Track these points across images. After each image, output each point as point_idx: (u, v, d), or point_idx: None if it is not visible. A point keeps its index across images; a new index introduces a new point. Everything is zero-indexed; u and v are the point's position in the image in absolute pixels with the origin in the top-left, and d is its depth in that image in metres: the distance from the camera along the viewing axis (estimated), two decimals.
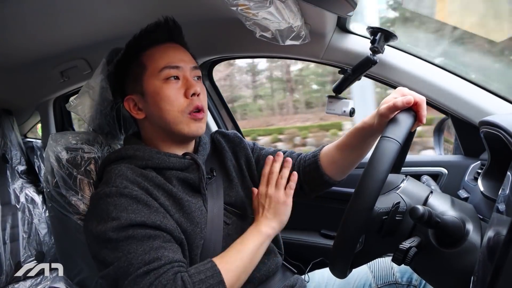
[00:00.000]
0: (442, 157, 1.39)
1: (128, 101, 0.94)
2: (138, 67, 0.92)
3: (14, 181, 1.66)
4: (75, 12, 1.05)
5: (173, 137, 0.92)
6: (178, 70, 0.90)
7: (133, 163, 0.88)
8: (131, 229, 0.76)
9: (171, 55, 0.91)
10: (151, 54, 0.91)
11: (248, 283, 0.88)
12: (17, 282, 1.48)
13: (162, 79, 0.89)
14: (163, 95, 0.88)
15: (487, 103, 1.10)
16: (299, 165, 1.02)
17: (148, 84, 0.90)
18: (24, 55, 1.37)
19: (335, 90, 1.22)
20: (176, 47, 0.94)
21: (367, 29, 1.12)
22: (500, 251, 0.45)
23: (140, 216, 0.77)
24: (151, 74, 0.90)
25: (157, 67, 0.89)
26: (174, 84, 0.89)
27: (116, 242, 0.75)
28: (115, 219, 0.76)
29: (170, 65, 0.89)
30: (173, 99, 0.88)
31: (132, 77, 0.93)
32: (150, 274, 0.72)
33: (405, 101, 0.77)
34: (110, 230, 0.75)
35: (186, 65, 0.92)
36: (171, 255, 0.76)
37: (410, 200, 0.75)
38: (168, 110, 0.88)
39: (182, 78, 0.91)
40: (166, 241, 0.78)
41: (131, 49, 0.95)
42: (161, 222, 0.79)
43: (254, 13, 0.90)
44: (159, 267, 0.73)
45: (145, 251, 0.74)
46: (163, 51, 0.91)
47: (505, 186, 0.59)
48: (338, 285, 1.01)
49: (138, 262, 0.73)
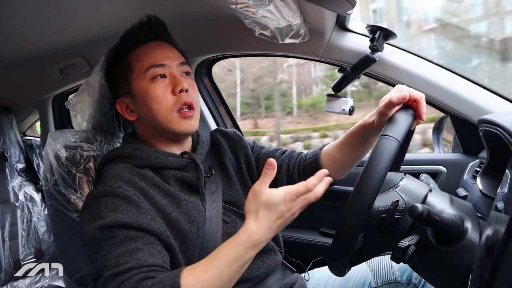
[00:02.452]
0: (441, 156, 1.39)
1: (120, 103, 0.95)
2: (125, 68, 0.92)
3: (13, 179, 1.66)
4: (74, 9, 1.05)
5: (167, 136, 0.92)
6: (164, 68, 0.90)
7: (130, 162, 0.88)
8: (115, 229, 0.75)
9: (156, 53, 0.91)
10: (137, 54, 0.92)
11: (247, 281, 0.88)
12: (16, 280, 1.48)
13: (148, 78, 0.89)
14: (151, 95, 0.88)
15: (486, 101, 1.10)
16: (300, 165, 1.02)
17: (136, 85, 0.90)
18: (23, 53, 1.37)
19: (334, 88, 1.22)
20: (161, 45, 0.94)
21: (366, 27, 1.12)
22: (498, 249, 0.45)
23: (127, 217, 0.76)
24: (138, 74, 0.90)
25: (143, 67, 0.89)
26: (161, 82, 0.89)
27: (100, 241, 0.74)
28: (102, 218, 0.75)
29: (155, 63, 0.89)
30: (161, 98, 0.88)
31: (121, 79, 0.94)
32: (116, 278, 0.69)
33: (401, 97, 0.77)
34: (96, 229, 0.75)
35: (172, 62, 0.91)
36: (144, 258, 0.71)
37: (409, 198, 0.75)
38: (157, 109, 0.88)
39: (169, 76, 0.90)
40: (147, 243, 0.75)
41: (118, 51, 0.95)
42: (148, 224, 0.77)
43: (253, 11, 0.90)
44: (125, 271, 0.69)
45: (120, 253, 0.72)
46: (148, 50, 0.91)
47: (504, 185, 0.59)
48: (337, 283, 1.01)
49: (111, 264, 0.71)
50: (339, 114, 1.22)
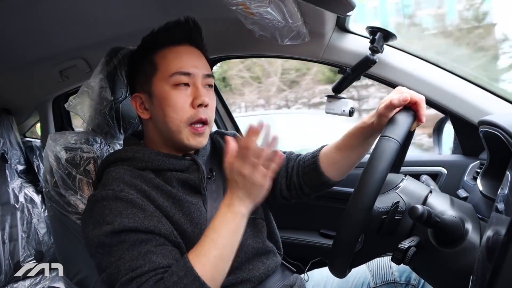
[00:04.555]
0: (442, 157, 1.39)
1: (136, 98, 0.93)
2: (149, 66, 0.90)
3: (13, 181, 1.66)
4: (74, 11, 1.05)
5: (174, 143, 0.91)
6: (189, 77, 0.88)
7: (132, 165, 0.87)
8: (123, 234, 0.75)
9: (185, 59, 0.89)
10: (165, 55, 0.89)
11: (247, 282, 0.88)
12: (16, 282, 1.48)
13: (171, 84, 0.87)
14: (170, 101, 0.87)
15: (486, 102, 1.11)
16: (299, 166, 1.02)
17: (157, 87, 0.89)
18: (23, 55, 1.37)
19: (334, 89, 1.22)
20: (191, 51, 0.92)
21: (366, 28, 1.13)
22: (499, 250, 0.45)
23: (133, 221, 0.76)
24: (161, 77, 0.88)
25: (168, 71, 0.87)
26: (183, 91, 0.87)
27: (110, 247, 0.75)
28: (109, 223, 0.75)
29: (182, 71, 0.87)
30: (179, 108, 0.86)
31: (142, 75, 0.92)
32: (133, 282, 0.71)
33: (401, 99, 0.77)
34: (104, 235, 0.75)
35: (199, 72, 0.89)
36: (159, 261, 0.73)
37: (409, 200, 0.75)
38: (172, 118, 0.87)
39: (192, 86, 0.88)
40: (158, 244, 0.76)
41: (146, 44, 0.93)
42: (155, 227, 0.77)
43: (253, 13, 0.90)
44: (142, 274, 0.71)
45: (133, 257, 0.73)
46: (176, 54, 0.89)
47: (504, 186, 0.59)
48: (337, 284, 1.01)
49: (126, 269, 0.72)
50: (339, 115, 1.22)
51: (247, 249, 0.91)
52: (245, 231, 0.92)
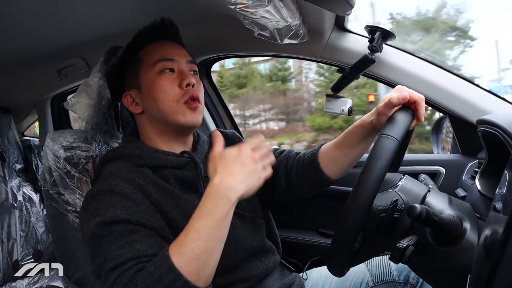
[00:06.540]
0: (440, 156, 1.39)
1: (126, 97, 0.95)
2: (135, 62, 0.94)
3: (11, 180, 1.66)
4: (72, 10, 1.05)
5: (170, 130, 0.92)
6: (173, 62, 0.91)
7: (130, 162, 0.88)
8: (114, 224, 0.74)
9: (167, 48, 0.93)
10: (148, 49, 0.94)
11: (246, 281, 0.88)
12: (15, 281, 1.47)
13: (157, 71, 0.90)
14: (158, 86, 0.89)
15: (485, 102, 1.11)
16: (298, 164, 1.02)
17: (144, 77, 0.92)
18: (21, 53, 1.36)
19: (333, 89, 1.22)
20: (172, 43, 0.96)
21: (365, 28, 1.13)
22: (497, 249, 0.45)
23: (125, 213, 0.75)
24: (147, 67, 0.92)
25: (152, 60, 0.91)
26: (169, 75, 0.90)
27: (101, 237, 0.74)
28: (101, 215, 0.75)
29: (165, 57, 0.91)
30: (168, 89, 0.89)
31: (130, 73, 0.95)
32: (116, 270, 0.69)
33: (401, 97, 0.78)
34: (95, 226, 0.74)
35: (182, 59, 0.93)
36: (143, 249, 0.71)
37: (407, 199, 0.75)
38: (163, 100, 0.88)
39: (177, 70, 0.92)
40: (147, 235, 0.74)
41: (129, 48, 0.97)
42: (147, 220, 0.76)
43: (252, 12, 0.89)
44: (124, 262, 0.69)
45: (119, 246, 0.71)
46: (158, 46, 0.94)
47: (502, 185, 0.59)
48: (335, 283, 1.02)
49: (111, 258, 0.71)
50: (338, 115, 1.22)
51: (246, 248, 0.91)
52: (244, 230, 0.93)
